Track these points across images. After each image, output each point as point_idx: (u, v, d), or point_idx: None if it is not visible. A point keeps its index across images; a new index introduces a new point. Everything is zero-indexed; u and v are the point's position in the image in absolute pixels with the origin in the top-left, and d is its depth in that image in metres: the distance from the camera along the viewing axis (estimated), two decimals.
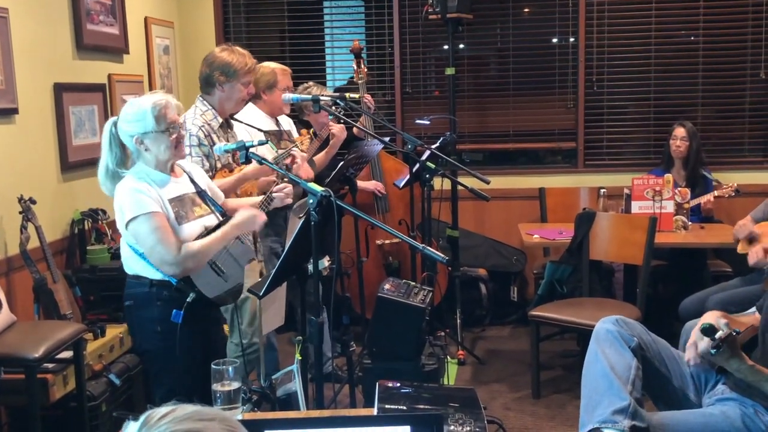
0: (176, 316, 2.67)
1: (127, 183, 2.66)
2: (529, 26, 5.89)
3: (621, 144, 5.89)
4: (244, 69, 3.56)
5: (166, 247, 2.62)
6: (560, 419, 4.02)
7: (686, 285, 4.66)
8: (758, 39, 5.63)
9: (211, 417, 0.92)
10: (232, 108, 3.68)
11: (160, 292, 2.72)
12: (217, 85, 3.54)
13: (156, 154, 2.71)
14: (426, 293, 3.39)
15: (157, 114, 2.66)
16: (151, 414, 0.91)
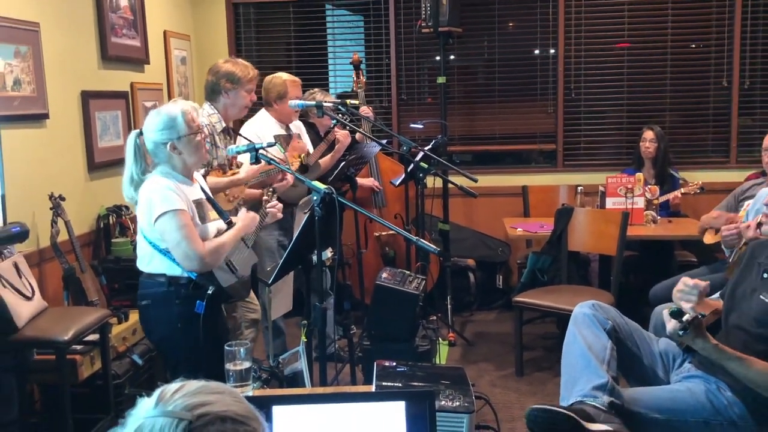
0: (199, 307, 2.65)
1: (156, 181, 2.62)
2: (513, 39, 5.87)
3: (596, 146, 5.87)
4: (247, 77, 3.56)
5: (191, 244, 2.59)
6: (541, 395, 4.02)
7: (655, 273, 4.65)
8: (721, 51, 5.62)
9: (220, 390, 0.92)
10: (235, 114, 3.67)
11: (179, 290, 2.68)
12: (223, 93, 3.53)
13: (187, 157, 2.68)
14: (419, 281, 3.39)
15: (188, 118, 2.65)
16: (164, 390, 0.91)
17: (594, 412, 2.20)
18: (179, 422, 0.85)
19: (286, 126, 4.16)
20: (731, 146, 5.71)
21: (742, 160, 5.66)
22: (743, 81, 5.63)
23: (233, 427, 0.87)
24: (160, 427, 0.85)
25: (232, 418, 0.88)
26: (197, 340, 2.65)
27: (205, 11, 5.83)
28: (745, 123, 5.73)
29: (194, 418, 0.86)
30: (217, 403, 0.88)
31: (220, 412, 0.87)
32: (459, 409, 1.76)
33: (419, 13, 5.29)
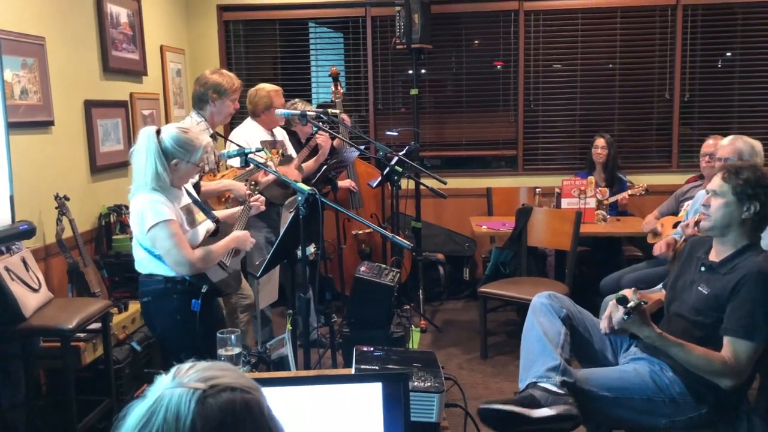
0: (195, 305, 2.65)
1: (146, 195, 2.59)
2: (478, 55, 5.89)
3: (553, 152, 5.92)
4: (233, 88, 3.54)
5: (181, 251, 2.58)
6: (504, 376, 4.05)
7: (605, 266, 4.68)
8: (663, 67, 5.69)
9: (227, 368, 0.96)
10: (220, 121, 3.65)
11: (175, 286, 2.67)
12: (210, 102, 3.50)
13: (179, 178, 2.67)
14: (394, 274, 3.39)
15: (203, 154, 2.67)
16: (179, 367, 0.95)
17: (542, 396, 2.21)
18: (194, 391, 0.89)
19: (271, 132, 4.14)
20: (673, 152, 5.78)
21: (683, 164, 5.73)
22: (683, 94, 5.70)
23: (241, 395, 0.91)
24: (178, 395, 0.89)
25: (240, 388, 0.92)
26: (195, 331, 2.64)
27: (199, 27, 5.78)
28: (684, 132, 5.80)
29: (207, 388, 0.90)
30: (226, 377, 0.93)
31: (230, 383, 0.91)
32: (430, 389, 1.77)
33: (394, 31, 5.29)
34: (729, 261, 2.38)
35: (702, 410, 2.31)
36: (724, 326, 2.28)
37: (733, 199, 2.35)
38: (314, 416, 1.50)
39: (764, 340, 2.24)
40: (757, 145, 3.38)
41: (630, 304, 2.19)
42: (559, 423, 2.17)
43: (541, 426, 2.18)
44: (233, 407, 0.89)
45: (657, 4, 5.61)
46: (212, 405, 0.88)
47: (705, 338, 2.31)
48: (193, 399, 0.88)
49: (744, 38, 5.61)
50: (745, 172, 2.36)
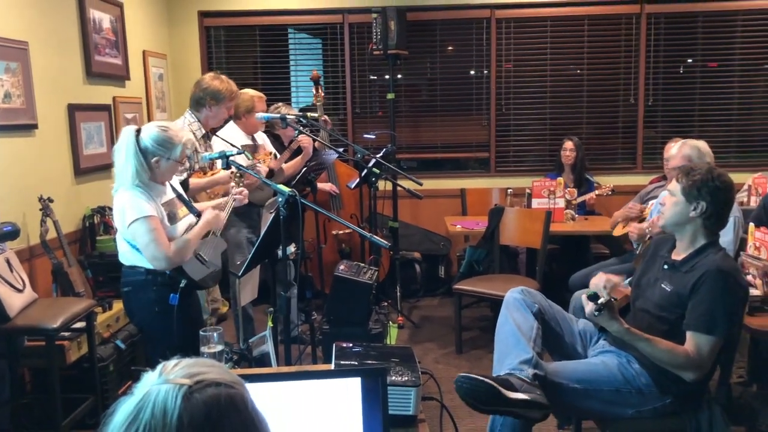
0: (173, 299, 2.63)
1: (128, 191, 2.59)
2: (452, 61, 5.91)
3: (524, 154, 5.95)
4: (231, 96, 3.53)
5: (158, 246, 2.57)
6: (478, 369, 4.00)
7: (574, 263, 4.72)
8: (629, 73, 5.76)
9: (211, 364, 0.96)
10: (214, 124, 3.64)
11: (155, 278, 2.67)
12: (207, 107, 3.49)
13: (162, 174, 2.65)
14: (372, 272, 3.39)
15: (183, 150, 2.64)
16: (165, 365, 0.95)
17: (517, 383, 2.21)
18: (180, 387, 0.89)
19: (252, 136, 4.12)
20: (637, 154, 5.85)
21: (647, 166, 5.80)
22: (647, 99, 5.78)
23: (226, 390, 0.91)
24: (165, 391, 0.89)
25: (224, 383, 0.92)
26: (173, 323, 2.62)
27: (181, 33, 5.73)
28: (649, 134, 5.87)
29: (193, 383, 0.90)
30: (211, 373, 0.93)
31: (215, 379, 0.92)
32: (407, 384, 1.77)
33: (371, 37, 5.29)
34: (690, 259, 2.42)
35: (666, 400, 2.34)
36: (686, 322, 2.31)
37: (682, 199, 2.39)
38: (295, 411, 1.50)
39: (724, 335, 2.27)
40: (702, 146, 3.42)
41: (601, 300, 2.21)
42: (531, 409, 2.18)
43: (512, 408, 2.18)
44: (218, 402, 0.90)
45: (622, 12, 5.68)
46: (198, 400, 0.89)
47: (669, 332, 2.34)
48: (179, 394, 0.88)
49: (704, 46, 5.70)
50: (696, 174, 2.39)
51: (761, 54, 5.67)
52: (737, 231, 3.28)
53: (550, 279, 4.70)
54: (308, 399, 1.50)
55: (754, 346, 3.39)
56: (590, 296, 2.25)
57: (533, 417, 2.22)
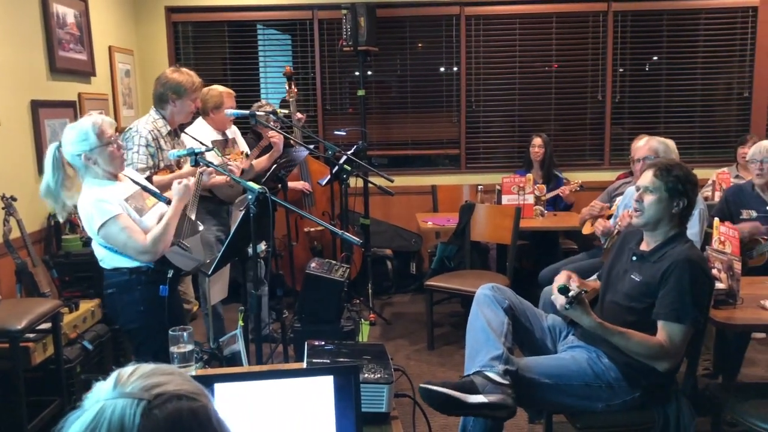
0: (163, 291, 2.61)
1: (89, 195, 2.53)
2: (422, 58, 5.92)
3: (493, 150, 5.99)
4: (192, 87, 3.46)
5: (136, 241, 2.53)
6: (449, 365, 4.08)
7: (543, 259, 4.78)
8: (596, 71, 5.83)
9: (171, 371, 0.90)
10: (181, 119, 3.56)
11: (140, 278, 2.63)
12: (170, 102, 3.42)
13: (103, 166, 2.57)
14: (344, 269, 3.38)
15: (98, 131, 2.53)
16: (120, 373, 0.87)
17: (482, 383, 2.22)
18: (139, 402, 0.82)
19: (222, 132, 4.07)
20: (605, 151, 5.92)
21: (614, 162, 5.88)
22: (614, 96, 5.86)
23: (187, 403, 0.85)
24: (122, 407, 0.82)
25: (186, 396, 0.86)
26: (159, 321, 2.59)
27: (147, 28, 5.64)
28: (616, 131, 5.95)
29: (152, 398, 0.83)
30: (171, 383, 0.86)
31: (175, 391, 0.85)
32: (380, 381, 1.76)
33: (341, 34, 5.27)
34: (658, 250, 2.46)
35: (635, 394, 2.37)
36: (655, 311, 2.35)
37: (665, 195, 2.42)
38: (268, 410, 1.48)
39: (693, 322, 2.31)
40: (670, 143, 3.48)
41: (571, 293, 2.23)
42: (493, 410, 2.20)
43: (474, 411, 2.20)
44: (180, 417, 0.84)
45: (590, 10, 5.74)
46: (158, 416, 0.82)
47: (638, 323, 2.37)
48: (137, 411, 0.82)
49: (670, 43, 5.79)
50: (676, 170, 2.44)
51: (723, 52, 5.78)
52: (702, 224, 3.34)
53: (520, 274, 4.74)
54: (281, 398, 1.49)
55: (720, 339, 3.46)
56: (560, 289, 2.26)
57: (499, 417, 2.24)
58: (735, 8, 5.70)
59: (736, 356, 3.42)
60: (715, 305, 2.63)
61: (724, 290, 2.73)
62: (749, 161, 3.64)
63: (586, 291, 2.35)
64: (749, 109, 5.83)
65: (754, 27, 5.70)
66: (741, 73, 5.82)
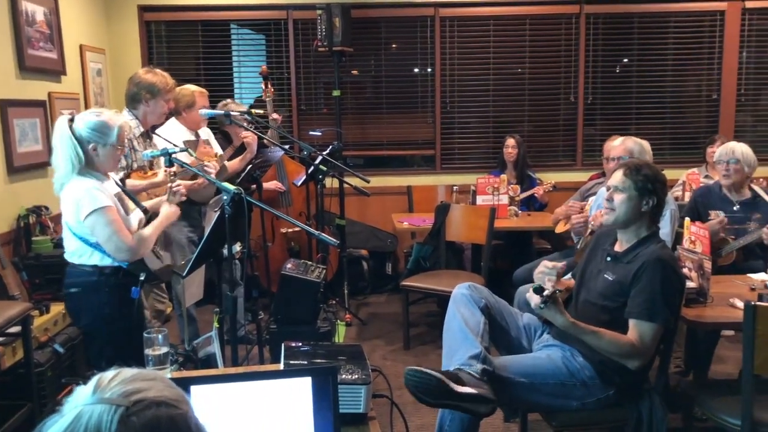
0: (135, 293, 2.58)
1: (81, 182, 2.49)
2: (397, 58, 5.93)
3: (468, 151, 6.02)
4: (166, 88, 3.43)
5: (121, 237, 2.50)
6: (426, 365, 3.95)
7: (517, 258, 4.80)
8: (569, 72, 5.89)
9: (152, 377, 0.88)
10: (154, 120, 3.53)
11: (108, 279, 2.59)
12: (143, 102, 3.39)
13: (103, 162, 2.56)
14: (320, 270, 3.37)
15: (120, 133, 2.55)
16: (101, 378, 0.86)
17: (466, 377, 2.23)
18: (117, 408, 0.81)
19: (195, 132, 4.03)
20: (577, 151, 5.99)
21: (587, 163, 5.95)
22: (587, 97, 5.92)
23: (166, 410, 0.84)
24: (99, 413, 0.80)
25: (166, 403, 0.84)
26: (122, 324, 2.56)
27: (120, 27, 5.56)
28: (588, 132, 6.02)
29: (131, 404, 0.82)
30: (152, 389, 0.85)
31: (155, 398, 0.84)
32: (358, 381, 1.76)
33: (315, 34, 5.25)
34: (631, 250, 2.49)
35: (610, 392, 2.40)
36: (628, 310, 2.38)
37: (635, 194, 2.46)
38: (246, 412, 1.47)
39: (664, 321, 2.35)
40: (645, 144, 3.56)
41: (546, 292, 2.25)
42: (478, 403, 2.20)
43: (460, 402, 2.19)
44: (158, 425, 0.82)
45: (562, 12, 5.80)
46: (136, 423, 0.80)
47: (611, 321, 2.41)
48: (115, 417, 0.80)
49: (640, 46, 5.88)
50: (645, 169, 2.48)
51: (692, 55, 5.88)
52: (674, 224, 3.39)
53: (494, 274, 4.76)
54: (259, 400, 1.48)
55: (690, 337, 3.51)
56: (535, 289, 2.28)
57: (480, 411, 2.24)
58: (703, 12, 5.81)
59: (706, 354, 3.48)
60: (686, 304, 2.68)
61: (695, 289, 2.78)
62: (716, 162, 3.71)
63: (560, 291, 2.38)
64: (717, 110, 5.94)
65: (722, 31, 5.81)
66: (709, 75, 5.93)
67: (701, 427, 2.86)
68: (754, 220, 3.48)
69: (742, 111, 5.98)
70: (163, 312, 3.76)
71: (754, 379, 2.27)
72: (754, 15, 5.80)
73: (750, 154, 3.58)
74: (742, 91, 5.92)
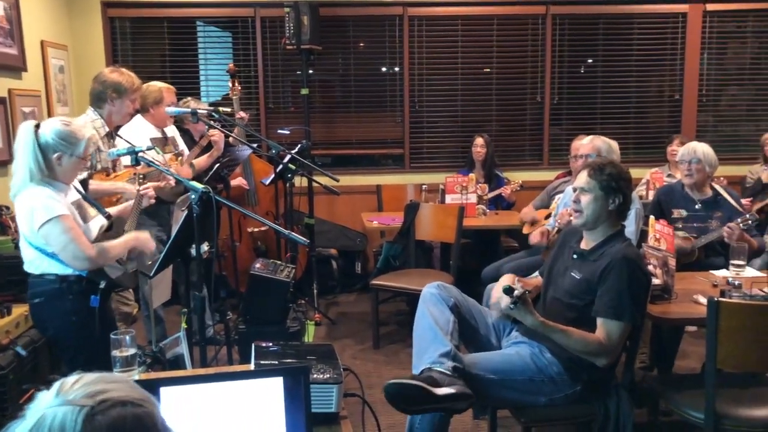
0: (94, 301, 2.53)
1: (36, 191, 2.42)
2: (365, 57, 5.92)
3: (437, 150, 6.04)
4: (132, 88, 3.38)
5: (78, 246, 2.43)
6: (395, 363, 4.09)
7: (486, 257, 4.84)
8: (535, 73, 5.95)
9: (116, 379, 0.87)
10: (119, 120, 3.46)
11: (71, 286, 2.52)
12: (109, 101, 3.33)
13: (64, 172, 2.49)
14: (290, 270, 3.35)
15: (86, 146, 2.50)
16: (63, 382, 0.84)
17: (440, 377, 2.25)
18: (81, 409, 0.80)
19: (162, 130, 3.97)
20: (544, 151, 6.06)
21: (553, 162, 6.02)
22: (553, 97, 5.99)
23: (132, 410, 0.83)
24: (63, 414, 0.79)
25: (131, 402, 0.84)
26: (91, 332, 2.51)
27: (83, 23, 5.45)
28: (554, 132, 6.09)
29: (96, 404, 0.81)
30: (116, 390, 0.84)
31: (120, 397, 0.83)
32: (329, 381, 1.76)
33: (283, 32, 5.22)
34: (598, 249, 2.53)
35: (577, 387, 2.44)
36: (595, 308, 2.42)
37: (601, 194, 2.50)
38: (217, 413, 1.46)
39: (631, 319, 2.39)
40: (613, 143, 3.63)
41: (516, 293, 2.27)
42: (458, 401, 2.22)
43: (442, 403, 2.22)
44: (123, 423, 0.81)
45: (529, 13, 5.86)
46: (101, 422, 0.80)
47: (579, 319, 2.44)
48: (79, 417, 0.79)
49: (605, 46, 5.97)
50: (608, 168, 2.52)
51: (655, 56, 5.99)
52: (638, 222, 3.46)
53: (463, 273, 4.79)
54: (230, 400, 1.47)
55: (656, 333, 3.58)
56: (505, 290, 2.31)
57: (459, 408, 2.26)
58: (666, 14, 5.92)
59: (670, 349, 3.55)
60: (651, 300, 2.73)
61: (660, 286, 2.84)
62: (679, 162, 3.79)
63: (529, 291, 2.40)
64: (680, 110, 6.07)
65: (684, 32, 5.93)
66: (672, 76, 6.05)
67: (666, 422, 2.91)
68: (716, 219, 3.56)
69: (704, 111, 6.12)
70: (130, 314, 3.70)
71: (717, 373, 2.32)
72: (714, 18, 5.93)
73: (711, 154, 3.66)
74: (704, 91, 6.05)
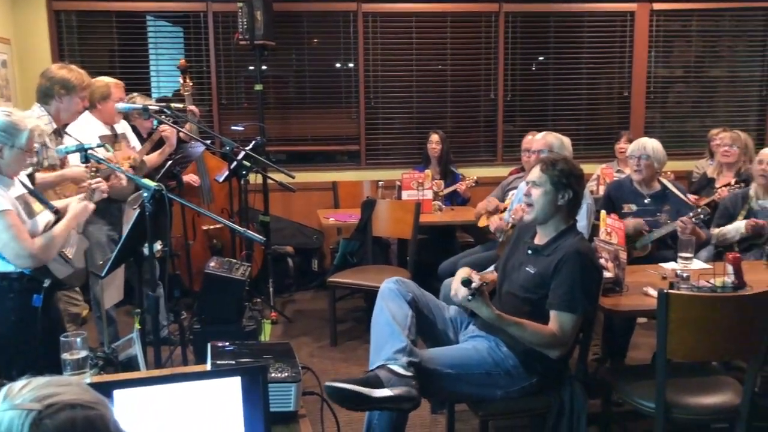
0: (37, 300, 2.45)
1: None
2: (320, 53, 5.89)
3: (392, 146, 6.06)
4: (81, 85, 3.29)
5: (20, 242, 2.35)
6: (353, 360, 4.09)
7: (442, 252, 4.87)
8: (489, 70, 6.01)
9: (67, 382, 0.85)
10: (67, 118, 3.37)
11: (11, 284, 2.44)
12: (56, 98, 3.23)
13: (7, 165, 2.42)
14: (245, 268, 3.32)
15: (31, 137, 2.43)
16: (10, 387, 0.82)
17: (386, 377, 2.26)
18: (28, 413, 0.78)
19: (111, 126, 3.88)
20: (498, 147, 6.13)
21: (506, 158, 6.09)
22: (506, 94, 6.07)
23: (83, 412, 0.81)
24: (9, 419, 0.77)
25: (81, 405, 0.82)
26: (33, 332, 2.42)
27: (26, 16, 5.28)
28: (507, 128, 6.17)
29: (44, 408, 0.79)
30: (66, 393, 0.82)
31: (70, 400, 0.81)
32: (288, 380, 1.75)
33: (236, 27, 5.15)
34: (551, 243, 2.58)
35: (532, 380, 2.48)
36: (549, 301, 2.46)
37: (551, 188, 2.55)
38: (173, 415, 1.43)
39: (584, 311, 2.45)
40: (565, 139, 3.71)
41: (473, 285, 2.30)
42: (398, 403, 2.24)
43: (380, 405, 2.24)
44: (73, 426, 0.79)
45: (482, 11, 5.92)
46: (49, 426, 0.78)
47: (533, 313, 2.48)
48: (26, 421, 0.77)
49: (557, 44, 6.07)
50: (560, 164, 2.57)
51: (605, 54, 6.12)
52: (590, 217, 3.53)
53: (420, 268, 4.81)
54: (186, 402, 1.44)
55: (608, 325, 3.66)
56: (463, 282, 2.33)
57: (404, 408, 2.28)
58: (615, 13, 6.06)
59: (622, 341, 3.64)
60: (603, 293, 2.79)
61: (611, 279, 2.90)
62: (629, 158, 3.88)
63: (486, 283, 2.43)
64: (629, 107, 6.22)
65: (632, 31, 6.08)
66: (621, 73, 6.19)
67: (619, 412, 2.99)
68: (664, 212, 3.66)
69: (652, 108, 6.28)
70: (79, 315, 3.60)
71: (667, 363, 2.39)
72: (661, 16, 6.09)
73: (660, 150, 3.76)
74: (651, 89, 6.21)
